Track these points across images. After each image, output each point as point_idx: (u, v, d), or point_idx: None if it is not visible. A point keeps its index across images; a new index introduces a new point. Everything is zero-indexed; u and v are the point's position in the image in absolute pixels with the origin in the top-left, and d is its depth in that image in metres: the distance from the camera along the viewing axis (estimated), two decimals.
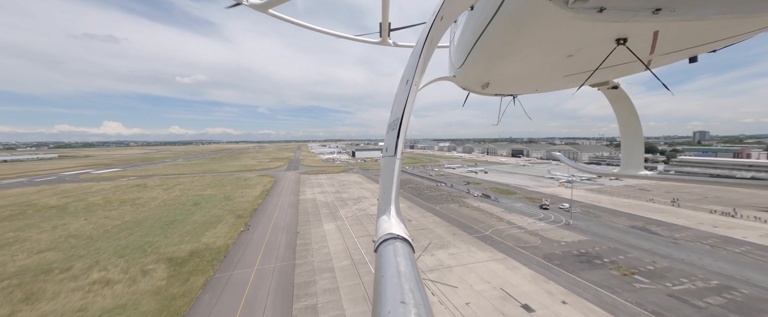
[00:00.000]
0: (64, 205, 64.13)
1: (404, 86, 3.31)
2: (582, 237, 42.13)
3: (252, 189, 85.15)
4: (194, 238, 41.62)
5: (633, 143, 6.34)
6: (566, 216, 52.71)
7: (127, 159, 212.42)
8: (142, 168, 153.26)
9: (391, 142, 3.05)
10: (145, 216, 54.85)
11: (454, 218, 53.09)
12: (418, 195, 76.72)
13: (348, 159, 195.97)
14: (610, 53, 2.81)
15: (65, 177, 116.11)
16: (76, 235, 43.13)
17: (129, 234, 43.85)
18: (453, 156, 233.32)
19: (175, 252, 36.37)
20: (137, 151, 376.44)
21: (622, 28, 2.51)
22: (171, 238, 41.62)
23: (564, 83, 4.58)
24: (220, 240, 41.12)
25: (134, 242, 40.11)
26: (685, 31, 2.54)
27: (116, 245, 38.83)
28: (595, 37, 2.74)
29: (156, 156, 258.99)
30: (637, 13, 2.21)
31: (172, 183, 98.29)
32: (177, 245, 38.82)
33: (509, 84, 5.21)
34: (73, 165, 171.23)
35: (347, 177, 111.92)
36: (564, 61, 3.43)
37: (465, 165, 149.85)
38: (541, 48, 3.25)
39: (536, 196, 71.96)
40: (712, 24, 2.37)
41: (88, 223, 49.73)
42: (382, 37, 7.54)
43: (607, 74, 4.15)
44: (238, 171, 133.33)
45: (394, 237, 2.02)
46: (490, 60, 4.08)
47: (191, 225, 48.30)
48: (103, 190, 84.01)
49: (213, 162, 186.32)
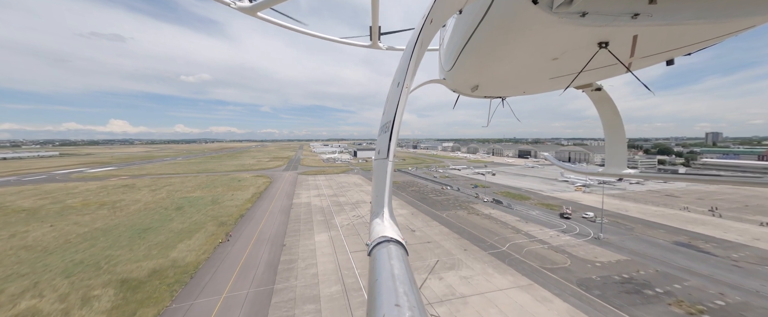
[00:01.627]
0: (38, 208, 59.06)
1: (395, 89, 3.39)
2: (619, 255, 35.43)
3: (244, 191, 79.56)
4: (162, 252, 35.85)
5: (616, 142, 6.44)
6: (593, 227, 45.96)
7: (127, 158, 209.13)
8: (138, 167, 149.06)
9: (383, 145, 3.10)
10: (119, 222, 49.37)
11: (464, 228, 46.68)
12: (423, 199, 70.33)
13: (349, 159, 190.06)
14: (592, 56, 2.90)
15: (55, 177, 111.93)
16: (30, 246, 37.65)
17: (91, 245, 38.25)
18: (457, 156, 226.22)
19: (133, 271, 30.58)
20: (140, 149, 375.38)
21: (604, 33, 2.61)
22: (136, 252, 35.91)
23: (550, 85, 4.57)
24: (192, 254, 35.29)
25: (92, 256, 34.46)
26: (662, 36, 2.65)
27: (69, 260, 33.19)
28: (579, 40, 2.82)
29: (157, 154, 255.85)
30: (618, 17, 2.30)
31: (162, 183, 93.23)
32: (139, 261, 33.06)
33: (498, 86, 5.28)
34: (69, 163, 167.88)
35: (347, 179, 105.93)
36: (550, 64, 3.47)
37: (471, 167, 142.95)
38: (528, 51, 3.32)
39: (553, 202, 65.11)
40: (687, 29, 2.49)
41: (52, 231, 44.33)
42: (372, 40, 7.52)
43: (591, 77, 4.27)
44: (234, 171, 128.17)
45: (388, 240, 2.02)
46: (478, 63, 4.14)
47: (165, 235, 42.60)
48: (87, 191, 79.10)
49: (211, 161, 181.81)
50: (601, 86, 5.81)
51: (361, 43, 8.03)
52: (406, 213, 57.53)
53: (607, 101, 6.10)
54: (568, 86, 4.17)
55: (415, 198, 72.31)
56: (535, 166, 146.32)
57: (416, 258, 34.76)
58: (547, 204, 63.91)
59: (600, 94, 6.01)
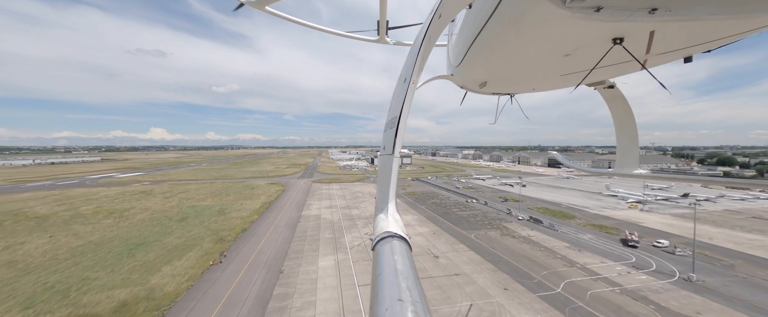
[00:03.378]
0: (50, 215, 58.42)
1: (402, 84, 3.34)
2: (733, 311, 25.24)
3: (254, 200, 75.81)
4: (144, 276, 31.07)
5: (628, 142, 6.27)
6: (676, 262, 35.35)
7: (157, 163, 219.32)
8: (163, 172, 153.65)
9: (389, 141, 3.06)
10: (117, 234, 46.27)
11: (499, 256, 37.99)
12: (445, 215, 61.91)
13: (366, 167, 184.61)
14: (606, 53, 2.78)
15: (86, 182, 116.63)
16: (14, 263, 34.67)
17: (75, 263, 34.56)
18: (480, 165, 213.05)
19: (100, 303, 25.72)
20: (172, 155, 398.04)
21: (619, 28, 2.52)
22: (116, 274, 31.46)
23: (561, 82, 4.46)
24: (175, 281, 30.12)
25: (68, 279, 30.40)
26: (680, 31, 2.53)
27: (41, 284, 29.24)
28: (592, 36, 2.75)
29: (185, 160, 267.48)
30: (634, 12, 2.20)
31: (177, 190, 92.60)
32: (114, 288, 28.35)
33: (507, 83, 5.19)
34: (105, 168, 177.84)
35: (362, 188, 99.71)
36: (561, 60, 3.39)
37: (496, 176, 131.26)
38: (539, 47, 3.26)
39: (606, 223, 53.96)
40: (706, 24, 2.37)
41: (47, 243, 41.80)
42: (379, 35, 7.46)
43: (604, 74, 4.07)
44: (250, 178, 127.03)
45: (392, 235, 2.05)
46: (487, 59, 4.09)
47: (156, 252, 38.29)
48: (105, 197, 79.41)
49: (232, 167, 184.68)
50: (613, 84, 5.58)
51: (368, 38, 7.89)
52: (426, 231, 49.64)
53: (620, 99, 5.89)
54: (580, 83, 3.99)
55: (437, 212, 64.05)
56: (570, 177, 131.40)
57: (442, 300, 27.01)
58: (599, 225, 52.91)
59: (612, 92, 5.77)
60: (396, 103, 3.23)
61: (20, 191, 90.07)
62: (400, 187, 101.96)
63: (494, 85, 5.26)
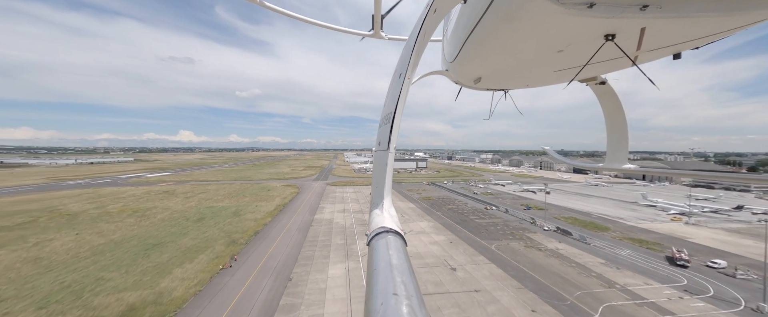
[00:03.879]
0: (80, 213, 61.58)
1: (397, 79, 3.34)
2: None
3: (269, 202, 76.28)
4: (155, 278, 30.94)
5: (619, 137, 6.33)
6: (738, 288, 30.30)
7: (183, 164, 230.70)
8: (188, 173, 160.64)
9: (384, 136, 3.06)
10: (137, 233, 47.45)
11: (524, 271, 34.56)
12: (463, 222, 58.60)
13: None
14: (598, 49, 2.84)
15: (118, 181, 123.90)
16: (40, 259, 36.01)
17: (92, 262, 35.30)
18: (498, 170, 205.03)
19: (109, 306, 25.54)
20: (197, 156, 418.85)
21: (611, 24, 2.56)
22: (129, 276, 31.58)
23: (554, 78, 4.40)
24: (184, 285, 29.66)
25: (84, 278, 30.85)
26: (670, 28, 2.59)
27: (59, 282, 29.81)
28: (585, 32, 2.79)
29: (208, 161, 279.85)
30: (626, 9, 2.23)
31: (198, 191, 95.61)
32: (125, 290, 28.27)
33: (501, 78, 5.18)
34: (136, 168, 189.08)
35: None
36: (554, 56, 3.45)
37: (516, 182, 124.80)
38: (533, 43, 3.29)
39: (647, 238, 48.38)
40: (695, 21, 2.43)
41: (72, 241, 43.48)
42: (374, 29, 7.37)
43: (596, 70, 4.08)
44: (267, 180, 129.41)
45: (387, 230, 2.06)
46: (482, 54, 4.12)
47: (170, 254, 38.49)
48: (132, 196, 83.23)
49: (251, 169, 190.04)
50: (605, 80, 5.60)
51: (362, 33, 7.79)
52: (442, 240, 46.81)
53: (611, 95, 5.95)
54: (572, 79, 3.93)
55: (453, 219, 60.85)
56: (599, 184, 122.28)
57: None
58: (638, 239, 47.49)
59: (604, 88, 5.82)
60: (391, 99, 3.28)
61: (59, 189, 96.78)
62: (415, 192, 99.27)
63: (488, 81, 5.28)
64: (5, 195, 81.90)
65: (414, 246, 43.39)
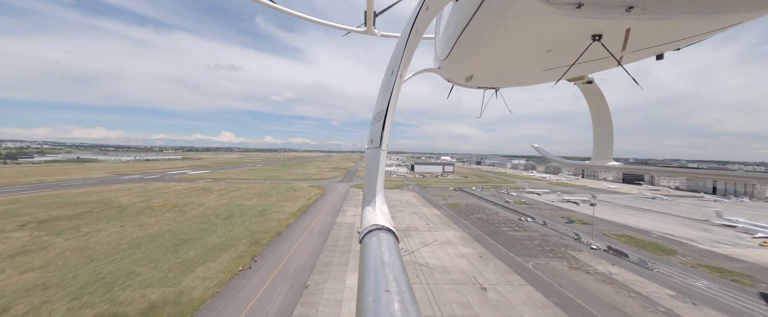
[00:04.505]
0: (128, 206, 67.40)
1: (389, 77, 3.35)
2: None
3: (294, 202, 77.38)
4: (179, 276, 31.52)
5: (605, 135, 6.47)
6: None
7: (223, 163, 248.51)
8: (225, 171, 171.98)
9: (376, 134, 3.07)
10: (170, 229, 50.08)
11: (571, 298, 29.52)
12: (494, 234, 53.53)
13: (406, 173, 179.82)
14: (586, 49, 2.91)
15: (165, 176, 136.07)
16: (84, 249, 39.02)
17: (128, 255, 37.33)
18: (533, 177, 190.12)
19: (134, 301, 26.11)
20: (235, 155, 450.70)
21: (598, 25, 2.63)
22: (156, 271, 32.59)
23: (543, 77, 4.57)
24: (204, 285, 29.72)
25: (117, 271, 32.43)
26: (654, 30, 2.67)
27: (96, 274, 31.60)
28: (573, 32, 2.85)
29: (244, 161, 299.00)
30: (612, 10, 2.31)
31: (231, 188, 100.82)
32: (149, 287, 28.97)
33: (492, 77, 5.29)
34: (183, 165, 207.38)
35: (400, 196, 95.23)
36: (544, 55, 3.49)
37: (555, 191, 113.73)
38: (523, 42, 3.33)
39: (729, 266, 39.54)
40: (678, 23, 2.52)
41: (116, 232, 47.00)
42: (367, 26, 7.46)
43: (583, 69, 4.18)
44: (294, 180, 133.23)
45: (379, 227, 2.09)
46: (474, 52, 4.16)
47: (196, 250, 39.56)
48: (174, 192, 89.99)
49: (281, 169, 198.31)
50: (592, 79, 5.73)
51: (354, 29, 7.97)
52: (470, 253, 42.68)
53: (598, 94, 6.07)
54: (561, 78, 4.08)
55: (483, 230, 55.94)
56: (657, 197, 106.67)
57: None
58: (718, 268, 38.94)
59: (591, 87, 5.96)
60: (383, 96, 3.28)
61: (117, 183, 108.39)
62: (440, 198, 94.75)
63: (480, 79, 5.38)
64: (74, 187, 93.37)
65: (438, 259, 39.99)
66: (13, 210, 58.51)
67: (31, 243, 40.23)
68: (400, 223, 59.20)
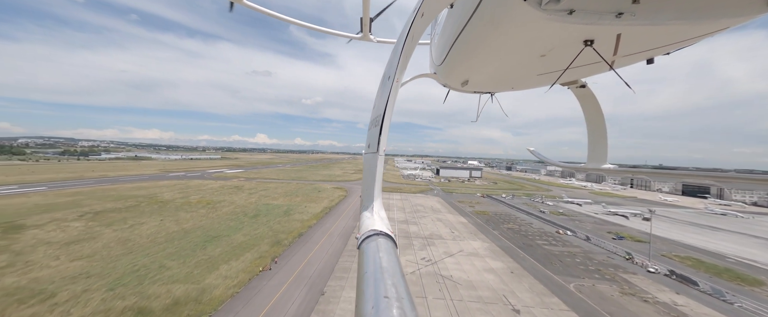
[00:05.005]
0: (169, 201, 72.93)
1: (386, 82, 3.44)
2: None
3: (317, 203, 78.21)
4: (203, 273, 32.38)
5: (598, 138, 6.58)
6: None
7: (256, 163, 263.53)
8: (257, 171, 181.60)
9: (373, 139, 3.12)
10: (202, 225, 52.73)
11: None
12: (527, 247, 48.65)
13: (430, 178, 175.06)
14: (578, 54, 2.95)
15: (204, 174, 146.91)
16: (128, 240, 42.18)
17: (162, 249, 39.53)
18: (572, 185, 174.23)
19: (160, 296, 27.03)
20: (267, 156, 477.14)
21: (590, 31, 2.69)
22: (183, 267, 33.87)
23: (538, 81, 4.66)
24: (225, 284, 30.10)
25: (150, 264, 34.27)
26: (644, 35, 2.75)
27: (131, 265, 33.64)
28: (566, 38, 2.90)
29: (275, 161, 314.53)
30: (603, 16, 2.39)
31: (260, 188, 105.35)
32: (176, 282, 29.99)
33: (487, 81, 5.36)
34: (221, 165, 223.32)
35: (424, 201, 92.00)
36: (537, 60, 3.53)
37: (599, 202, 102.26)
38: (517, 47, 3.39)
39: None
40: (666, 29, 2.59)
41: (155, 226, 50.52)
42: (363, 32, 7.68)
43: (576, 74, 4.27)
44: (320, 181, 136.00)
45: (377, 233, 2.08)
46: (469, 58, 4.25)
47: (223, 248, 40.81)
48: (210, 189, 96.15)
49: (308, 170, 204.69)
50: (585, 83, 5.83)
51: (351, 35, 8.13)
52: (500, 268, 38.86)
53: (591, 98, 6.17)
54: (554, 83, 4.18)
55: (515, 242, 51.19)
56: (728, 213, 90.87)
57: None
58: None
59: (584, 91, 6.04)
60: (380, 101, 3.30)
61: (162, 179, 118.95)
62: (467, 204, 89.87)
63: (475, 84, 5.46)
64: (128, 182, 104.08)
65: (463, 272, 36.88)
66: (76, 202, 66.18)
67: (85, 233, 44.57)
68: (422, 230, 56.58)
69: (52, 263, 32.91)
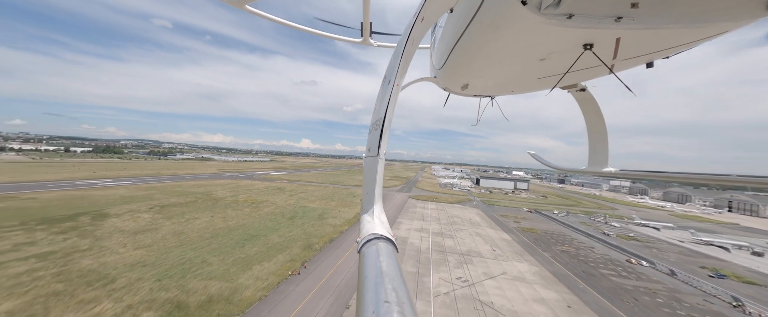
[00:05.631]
0: (221, 199, 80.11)
1: (386, 86, 3.43)
2: None
3: (351, 208, 78.28)
4: (238, 272, 33.51)
5: (599, 141, 6.63)
6: None
7: (298, 166, 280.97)
8: (299, 174, 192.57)
9: (374, 143, 3.14)
10: (244, 223, 56.05)
11: None
12: (588, 277, 40.89)
13: (470, 188, 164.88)
14: (578, 58, 3.00)
15: (254, 175, 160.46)
16: (180, 233, 46.45)
17: (207, 244, 42.51)
18: (645, 204, 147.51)
19: (197, 291, 28.34)
20: (310, 160, 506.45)
21: (589, 35, 2.71)
22: (222, 263, 35.59)
23: (537, 85, 4.67)
24: (255, 285, 30.56)
25: (195, 258, 36.79)
26: (643, 39, 2.75)
27: (179, 258, 36.48)
28: (565, 42, 2.92)
29: (316, 165, 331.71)
30: (602, 20, 2.41)
31: (300, 190, 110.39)
32: (213, 278, 31.40)
33: (487, 85, 5.41)
34: (268, 167, 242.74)
35: (461, 213, 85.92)
36: (537, 64, 3.59)
37: (682, 227, 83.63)
38: (516, 51, 3.43)
39: None
40: (666, 33, 2.59)
41: (206, 222, 55.19)
42: (363, 36, 7.83)
43: (576, 77, 4.29)
44: (355, 186, 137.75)
45: (378, 237, 2.09)
46: (468, 62, 4.29)
47: (258, 248, 42.32)
48: (256, 190, 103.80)
49: (345, 175, 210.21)
50: (585, 87, 5.88)
51: (351, 39, 8.23)
52: (553, 299, 32.85)
53: (591, 101, 6.22)
54: (554, 87, 4.20)
55: (572, 269, 43.56)
56: None
57: None
58: None
59: (584, 95, 6.09)
60: (380, 105, 3.34)
61: (219, 178, 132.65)
62: (511, 219, 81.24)
63: (475, 88, 5.56)
64: (192, 180, 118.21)
65: (507, 299, 32.02)
66: (149, 195, 76.66)
67: (150, 224, 50.58)
68: (459, 245, 51.95)
69: (120, 250, 37.46)
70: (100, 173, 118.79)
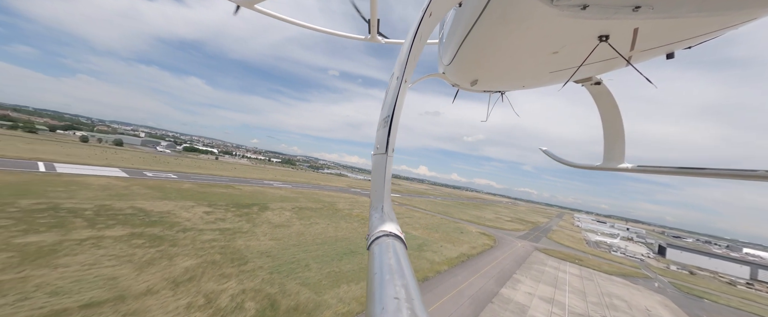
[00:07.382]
0: (341, 210, 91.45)
1: (394, 82, 3.43)
2: None
3: (456, 246, 68.67)
4: (328, 286, 34.17)
5: (615, 136, 6.41)
6: None
7: (411, 191, 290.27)
8: (410, 198, 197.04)
9: (382, 140, 3.14)
10: (348, 236, 59.66)
11: None
12: None
13: (644, 255, 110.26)
14: (593, 50, 2.90)
15: None
16: (303, 234, 54.45)
17: (316, 249, 47.10)
18: None
19: (291, 294, 30.35)
20: (424, 186, 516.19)
21: (604, 25, 2.62)
22: (318, 273, 37.61)
23: (550, 79, 4.61)
24: (334, 309, 29.63)
25: (301, 260, 41.01)
26: (662, 28, 2.64)
27: (291, 256, 41.69)
28: (579, 33, 2.84)
29: (429, 192, 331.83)
30: (619, 10, 2.32)
31: (406, 214, 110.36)
32: (306, 285, 33.18)
33: (497, 80, 5.36)
34: None
35: (629, 294, 56.27)
36: (550, 57, 3.50)
37: None
38: (528, 45, 3.36)
39: None
40: (687, 21, 2.47)
41: (321, 228, 63.01)
42: (371, 33, 7.83)
43: (591, 70, 4.17)
44: (466, 221, 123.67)
45: (387, 234, 2.09)
46: (478, 57, 4.28)
47: (351, 266, 42.66)
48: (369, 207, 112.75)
49: (456, 206, 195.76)
50: (600, 80, 5.66)
51: (358, 36, 8.21)
52: None
53: (607, 95, 6.02)
54: (568, 80, 4.13)
55: None
56: None
57: None
58: None
59: (599, 88, 5.89)
60: (389, 102, 3.32)
61: (345, 192, 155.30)
62: None
63: (485, 83, 5.53)
64: (328, 190, 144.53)
65: None
66: (296, 198, 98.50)
67: (287, 221, 63.12)
68: None
69: (261, 237, 47.76)
70: (279, 177, 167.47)
